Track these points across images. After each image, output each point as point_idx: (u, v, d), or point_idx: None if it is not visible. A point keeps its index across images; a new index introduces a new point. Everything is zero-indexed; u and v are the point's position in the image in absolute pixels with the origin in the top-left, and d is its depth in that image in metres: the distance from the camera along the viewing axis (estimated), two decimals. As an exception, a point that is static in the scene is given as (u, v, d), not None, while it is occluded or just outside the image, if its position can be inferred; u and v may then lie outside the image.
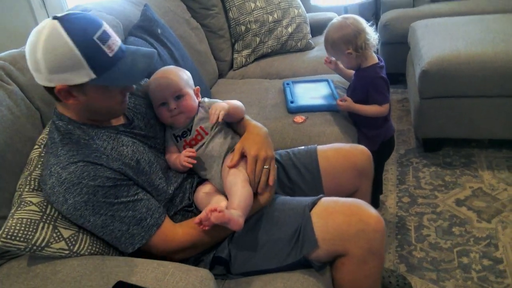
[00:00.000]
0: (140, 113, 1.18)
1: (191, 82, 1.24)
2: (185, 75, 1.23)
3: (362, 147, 1.38)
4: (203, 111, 1.20)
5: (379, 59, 1.62)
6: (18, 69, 1.21)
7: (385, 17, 2.97)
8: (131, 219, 0.99)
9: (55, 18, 0.93)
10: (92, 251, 1.01)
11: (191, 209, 1.15)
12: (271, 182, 1.14)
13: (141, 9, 1.78)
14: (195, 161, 1.13)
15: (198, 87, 1.25)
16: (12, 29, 2.91)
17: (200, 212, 1.12)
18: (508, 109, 2.05)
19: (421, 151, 2.32)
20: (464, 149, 2.29)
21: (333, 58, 1.71)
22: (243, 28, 2.30)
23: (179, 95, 1.17)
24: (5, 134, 1.08)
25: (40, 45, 0.90)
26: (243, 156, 1.14)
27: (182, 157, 1.14)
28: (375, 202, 1.83)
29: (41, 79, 0.95)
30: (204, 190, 1.16)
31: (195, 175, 1.20)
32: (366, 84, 1.60)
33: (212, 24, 2.28)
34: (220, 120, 1.11)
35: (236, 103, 1.22)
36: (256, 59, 2.39)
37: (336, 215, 1.06)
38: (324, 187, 1.30)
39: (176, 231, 1.05)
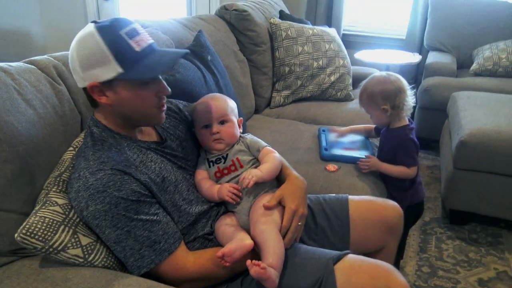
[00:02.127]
0: (174, 134, 1.19)
1: (236, 112, 1.25)
2: (232, 104, 1.25)
3: (394, 204, 1.34)
4: (242, 143, 1.20)
5: (409, 121, 1.61)
6: (69, 71, 1.23)
7: (427, 82, 2.97)
8: (145, 240, 0.96)
9: (93, 21, 0.98)
10: (106, 264, 0.99)
11: (211, 238, 1.12)
12: (298, 239, 1.12)
13: (195, 34, 1.82)
14: (238, 199, 1.11)
15: (241, 118, 1.26)
16: (67, 34, 3.03)
17: (219, 242, 1.10)
18: (544, 195, 1.98)
19: (446, 222, 2.24)
20: (491, 228, 2.20)
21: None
22: (286, 69, 2.33)
23: (223, 121, 1.18)
24: (45, 131, 1.09)
25: (74, 44, 0.97)
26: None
27: (225, 191, 1.11)
28: (395, 266, 1.75)
29: (78, 81, 0.99)
30: (226, 222, 1.13)
31: (222, 205, 1.17)
32: (395, 144, 1.58)
33: (258, 60, 2.32)
34: (250, 186, 1.08)
35: (273, 164, 1.15)
36: (294, 101, 2.40)
37: (361, 275, 1.00)
38: (351, 238, 1.26)
39: (188, 260, 1.01)
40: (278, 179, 1.20)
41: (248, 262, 0.94)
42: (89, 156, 0.98)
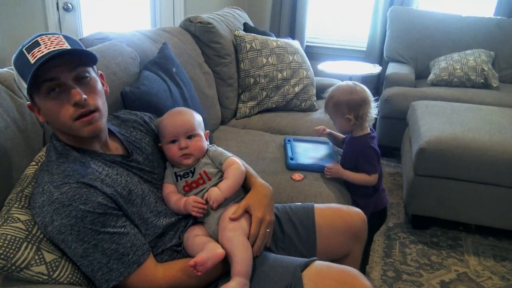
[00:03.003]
0: (140, 147, 1.18)
1: (202, 125, 1.25)
2: (198, 118, 1.25)
3: (358, 211, 1.38)
4: (208, 156, 1.20)
5: (371, 129, 1.66)
6: (32, 84, 1.21)
7: (387, 92, 3.07)
8: (113, 252, 0.95)
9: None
10: (71, 281, 0.97)
11: (180, 249, 1.11)
12: (268, 244, 1.14)
13: (159, 47, 1.82)
14: (204, 213, 1.12)
15: (208, 131, 1.27)
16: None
17: (188, 253, 1.10)
18: (498, 198, 2.08)
19: (409, 227, 2.32)
20: (451, 231, 2.29)
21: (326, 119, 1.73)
22: (252, 80, 2.36)
23: (191, 135, 1.18)
24: (6, 145, 1.06)
25: None
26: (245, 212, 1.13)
27: (190, 205, 1.11)
28: (361, 271, 1.79)
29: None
30: (196, 232, 1.13)
31: (191, 216, 1.17)
32: (356, 153, 1.63)
33: (223, 72, 2.34)
34: (214, 208, 1.12)
35: (234, 181, 1.15)
36: (259, 112, 2.43)
37: (328, 281, 1.02)
38: (318, 246, 1.28)
39: (157, 272, 1.01)
40: (244, 187, 1.22)
41: (191, 263, 0.97)
42: (53, 170, 0.96)
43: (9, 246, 0.89)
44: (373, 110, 1.61)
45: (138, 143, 1.18)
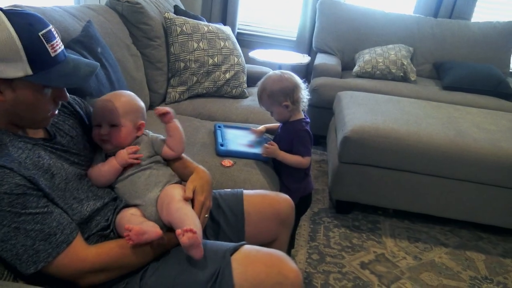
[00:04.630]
0: (64, 129, 1.12)
1: (137, 115, 1.20)
2: (135, 106, 1.21)
3: (286, 197, 1.41)
4: (144, 143, 1.19)
5: (305, 115, 1.72)
6: None
7: (315, 82, 3.17)
8: (38, 233, 0.89)
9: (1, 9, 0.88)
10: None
11: (107, 233, 1.07)
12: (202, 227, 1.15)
13: (83, 25, 1.72)
14: (141, 157, 1.14)
15: (143, 122, 1.22)
16: None
17: (118, 236, 1.07)
18: (414, 184, 2.24)
19: (333, 212, 2.42)
20: (371, 215, 2.43)
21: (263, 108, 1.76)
22: (182, 65, 2.31)
23: (114, 125, 1.15)
24: None
25: None
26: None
27: (125, 155, 1.11)
28: (287, 255, 1.85)
29: None
30: (132, 212, 1.11)
31: (118, 200, 1.14)
32: (291, 135, 1.68)
33: (152, 55, 2.26)
34: (164, 112, 1.18)
35: (177, 131, 1.22)
36: (190, 97, 2.39)
37: (256, 264, 1.05)
38: (246, 231, 1.31)
39: (89, 251, 0.97)
40: (180, 172, 1.23)
41: (178, 231, 0.98)
42: None
43: None
44: (305, 92, 1.68)
45: (61, 125, 1.12)
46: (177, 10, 2.66)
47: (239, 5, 3.94)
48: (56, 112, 1.02)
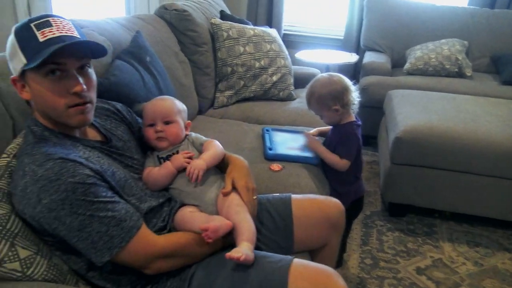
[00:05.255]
0: (117, 135, 1.18)
1: (185, 115, 1.30)
2: (180, 107, 1.30)
3: (336, 201, 1.38)
4: (189, 141, 1.26)
5: (356, 118, 1.68)
6: (-2, 74, 1.16)
7: (364, 81, 3.09)
8: (111, 220, 0.93)
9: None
10: (46, 277, 0.94)
11: (164, 233, 1.10)
12: (255, 212, 1.19)
13: (133, 35, 1.77)
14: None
15: (190, 122, 1.31)
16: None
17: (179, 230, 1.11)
18: (471, 186, 2.13)
19: (386, 215, 2.35)
20: (427, 218, 2.34)
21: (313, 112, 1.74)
22: (229, 69, 2.33)
23: (168, 121, 1.22)
24: (-27, 139, 1.01)
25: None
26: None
27: (181, 159, 1.16)
28: (339, 260, 1.81)
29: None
30: (191, 209, 1.15)
31: (173, 202, 1.17)
32: (338, 137, 1.66)
33: (200, 60, 2.30)
34: (199, 180, 1.15)
35: (214, 151, 1.23)
36: (237, 101, 2.40)
37: (301, 282, 1.00)
38: (295, 237, 1.29)
39: (157, 237, 1.02)
40: (222, 168, 1.27)
41: (228, 255, 0.99)
42: (34, 151, 0.94)
43: (-19, 243, 0.86)
44: (355, 95, 1.64)
45: (114, 131, 1.18)
46: (223, 15, 2.69)
47: (284, 6, 3.92)
48: (84, 108, 0.98)
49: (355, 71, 3.85)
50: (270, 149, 1.77)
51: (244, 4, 4.00)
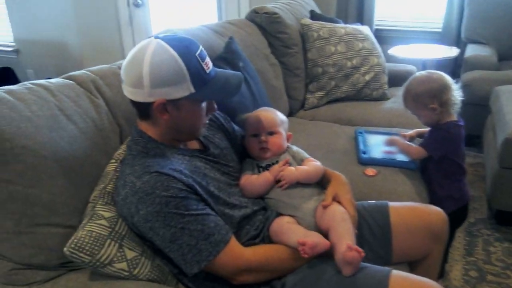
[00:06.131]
0: (214, 142, 1.21)
1: (286, 126, 1.31)
2: (283, 118, 1.32)
3: (438, 209, 1.29)
4: (289, 154, 1.25)
5: (458, 118, 1.56)
6: (106, 84, 1.26)
7: (466, 76, 2.86)
8: (200, 234, 0.95)
9: (157, 37, 0.99)
10: (150, 278, 1.00)
11: (256, 242, 1.10)
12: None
13: (226, 41, 1.82)
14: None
15: (291, 133, 1.32)
16: (101, 43, 3.12)
17: (274, 241, 1.10)
18: None
19: (493, 223, 2.15)
20: (542, 229, 2.10)
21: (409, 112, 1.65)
22: (320, 70, 2.29)
23: (272, 132, 1.23)
24: (86, 145, 1.11)
25: (147, 59, 0.95)
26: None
27: (277, 169, 1.17)
28: (440, 270, 1.69)
29: (142, 95, 0.98)
30: (288, 220, 1.13)
31: (269, 211, 1.17)
32: (434, 134, 1.57)
33: (290, 62, 2.29)
34: (282, 189, 1.15)
35: (311, 169, 1.20)
36: (328, 102, 2.36)
37: None
38: (394, 246, 1.22)
39: (245, 250, 1.02)
40: (321, 184, 1.23)
41: (349, 244, 0.98)
42: (134, 162, 1.00)
43: (94, 243, 0.94)
44: (457, 93, 1.53)
45: (211, 138, 1.21)
46: (313, 15, 2.66)
47: (375, 1, 3.78)
48: (207, 122, 1.12)
49: (455, 66, 3.57)
50: (364, 152, 1.70)
51: (333, 2, 3.92)
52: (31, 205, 0.96)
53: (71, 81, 1.20)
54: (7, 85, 1.08)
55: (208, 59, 1.04)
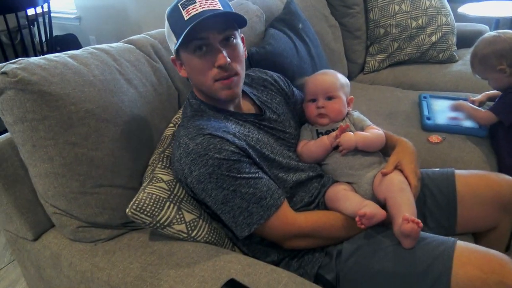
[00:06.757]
0: (272, 107, 1.18)
1: (347, 89, 1.23)
2: (344, 81, 1.23)
3: (509, 178, 1.20)
4: (349, 120, 1.19)
5: None
6: (165, 48, 1.26)
7: (546, 36, 2.60)
8: (251, 197, 0.95)
9: None
10: (207, 240, 1.02)
11: (311, 208, 1.08)
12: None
13: (284, 1, 1.76)
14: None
15: (352, 97, 1.23)
16: (159, 10, 3.15)
17: (329, 207, 1.08)
18: None
19: None
20: None
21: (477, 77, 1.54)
22: (382, 31, 2.17)
23: (331, 97, 1.17)
24: (146, 109, 1.13)
25: None
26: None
27: (333, 135, 1.11)
28: (508, 244, 1.61)
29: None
30: (345, 187, 1.10)
31: (326, 177, 1.14)
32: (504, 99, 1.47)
33: (350, 23, 2.19)
34: (342, 154, 1.11)
35: (371, 136, 1.13)
36: (390, 65, 2.25)
37: (469, 268, 0.88)
38: (459, 216, 1.17)
39: (297, 216, 1.00)
40: (385, 151, 1.17)
41: (405, 216, 0.92)
42: (188, 124, 1.01)
43: (154, 205, 0.96)
44: None
45: (269, 103, 1.18)
46: (376, -28, 2.50)
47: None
48: (229, 81, 1.00)
49: (533, 24, 3.27)
50: (429, 118, 1.62)
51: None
52: (95, 167, 1.00)
53: (131, 45, 1.21)
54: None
55: (195, 6, 0.94)
